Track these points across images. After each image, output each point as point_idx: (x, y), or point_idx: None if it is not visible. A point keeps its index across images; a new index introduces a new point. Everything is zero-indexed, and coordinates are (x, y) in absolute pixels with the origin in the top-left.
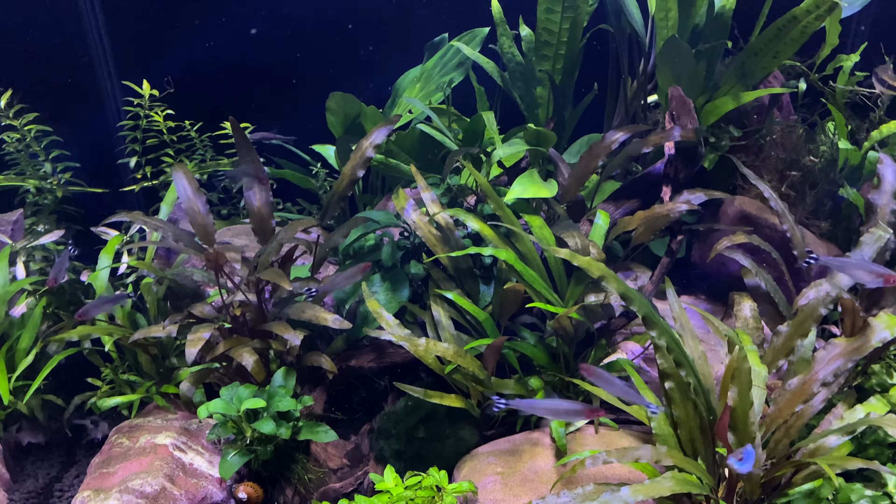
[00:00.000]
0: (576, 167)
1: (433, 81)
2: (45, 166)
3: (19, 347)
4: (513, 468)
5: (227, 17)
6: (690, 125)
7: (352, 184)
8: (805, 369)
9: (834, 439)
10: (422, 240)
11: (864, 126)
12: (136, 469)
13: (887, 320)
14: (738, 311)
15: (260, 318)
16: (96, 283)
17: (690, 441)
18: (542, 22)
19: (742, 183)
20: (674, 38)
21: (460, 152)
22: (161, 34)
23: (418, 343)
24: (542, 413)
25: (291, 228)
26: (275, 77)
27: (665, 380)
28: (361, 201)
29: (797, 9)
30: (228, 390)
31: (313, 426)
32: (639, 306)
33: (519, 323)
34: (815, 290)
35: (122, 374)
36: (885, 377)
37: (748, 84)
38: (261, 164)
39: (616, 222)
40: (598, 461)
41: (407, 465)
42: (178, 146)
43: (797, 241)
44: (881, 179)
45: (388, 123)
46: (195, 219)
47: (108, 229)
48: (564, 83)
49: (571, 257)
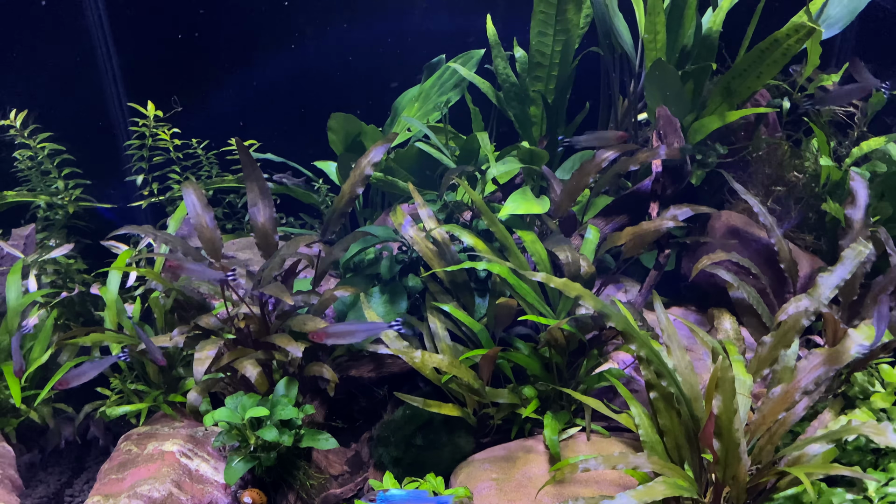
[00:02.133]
0: (568, 184)
1: (431, 101)
2: (57, 183)
3: (31, 358)
4: (507, 474)
5: (233, 40)
6: (677, 144)
7: (351, 200)
8: (788, 378)
9: (817, 447)
10: (419, 254)
11: (846, 143)
12: (145, 475)
13: (866, 331)
14: (718, 325)
15: (263, 330)
16: (106, 296)
17: (676, 448)
18: (535, 44)
19: (729, 197)
20: (660, 62)
21: (457, 171)
22: (168, 55)
23: (414, 355)
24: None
25: (294, 244)
26: (279, 96)
27: (650, 390)
28: (362, 216)
29: (778, 32)
30: (233, 399)
31: (315, 434)
32: (616, 322)
33: (513, 333)
34: (794, 306)
35: (130, 384)
36: (867, 385)
37: (733, 103)
38: (265, 181)
39: (606, 237)
40: (590, 468)
41: (405, 471)
42: (184, 163)
43: (784, 254)
44: (854, 195)
45: (385, 142)
46: (203, 233)
47: (118, 243)
48: (557, 102)
49: (547, 280)
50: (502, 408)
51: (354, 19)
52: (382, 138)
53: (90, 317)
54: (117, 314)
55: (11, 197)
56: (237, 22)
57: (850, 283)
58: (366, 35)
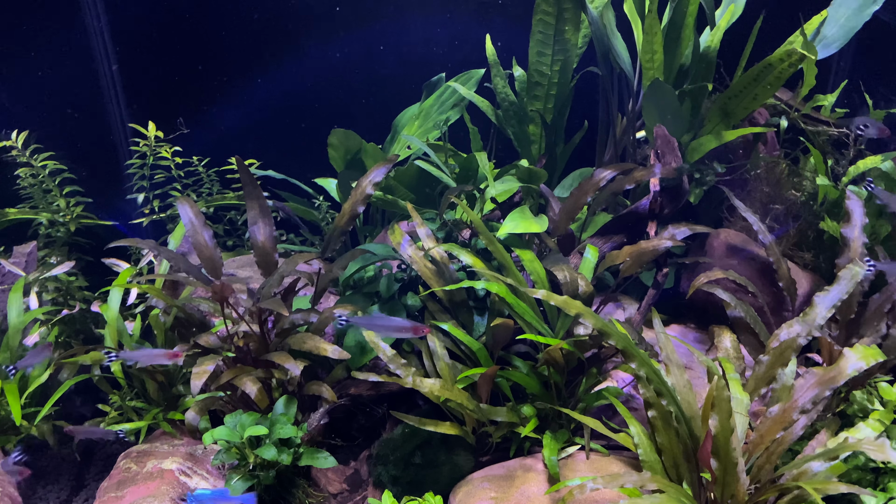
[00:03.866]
0: (566, 202)
1: (431, 119)
2: (59, 201)
3: (32, 375)
4: (506, 493)
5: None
6: (674, 163)
7: (352, 219)
8: (786, 397)
9: (817, 465)
10: (418, 273)
11: (843, 161)
12: (144, 493)
13: (862, 351)
14: (718, 343)
15: (263, 347)
16: (107, 314)
17: (675, 467)
18: (534, 64)
19: (728, 215)
20: (657, 81)
21: (456, 190)
22: (170, 76)
23: (406, 380)
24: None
25: (293, 262)
26: (280, 113)
27: (648, 409)
28: (362, 233)
29: (771, 57)
30: (232, 418)
31: (314, 452)
32: (616, 340)
33: (512, 352)
34: (786, 332)
35: (130, 401)
36: (866, 403)
37: (730, 123)
38: (265, 200)
39: (605, 256)
40: (587, 488)
41: (404, 490)
42: (185, 181)
43: (782, 272)
44: (850, 214)
45: (387, 163)
46: (202, 252)
47: (119, 261)
48: (556, 121)
49: (548, 297)
50: (501, 426)
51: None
52: (384, 159)
53: (91, 334)
54: (118, 332)
55: (13, 214)
56: (238, 40)
57: (846, 303)
58: (366, 52)
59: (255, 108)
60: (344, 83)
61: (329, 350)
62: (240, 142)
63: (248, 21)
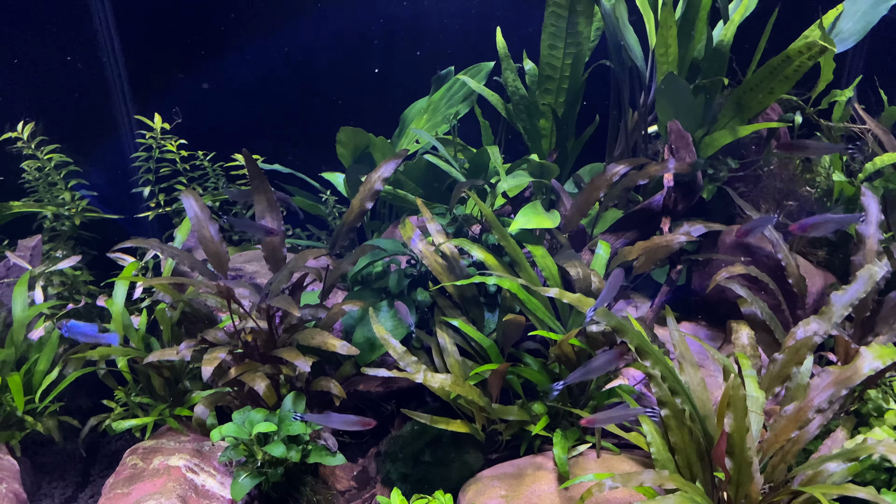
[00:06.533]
0: (578, 198)
1: (440, 113)
2: (64, 194)
3: (37, 370)
4: (516, 491)
5: (241, 52)
6: (688, 158)
7: (361, 215)
8: (801, 395)
9: (833, 465)
10: (428, 268)
11: (859, 158)
12: (150, 490)
13: (878, 350)
14: (735, 339)
15: (270, 343)
16: (112, 308)
17: (688, 466)
18: (545, 57)
19: (741, 212)
20: (672, 75)
21: (466, 184)
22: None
23: (416, 376)
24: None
25: (302, 257)
26: (287, 107)
27: (662, 407)
28: (369, 228)
29: (790, 49)
30: (240, 414)
31: (322, 449)
32: (630, 338)
33: (522, 348)
34: (803, 329)
35: (136, 397)
36: (881, 402)
37: (745, 118)
38: (273, 194)
39: (617, 252)
40: (604, 487)
41: (413, 487)
42: (191, 174)
43: (791, 270)
44: (866, 211)
45: (397, 157)
46: (208, 246)
47: (124, 255)
48: (567, 115)
49: (561, 295)
50: (511, 424)
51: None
52: (393, 153)
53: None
54: (123, 326)
55: (18, 207)
56: (246, 33)
57: (863, 301)
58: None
59: (262, 101)
60: (351, 76)
61: (338, 346)
62: (246, 135)
63: (256, 14)
